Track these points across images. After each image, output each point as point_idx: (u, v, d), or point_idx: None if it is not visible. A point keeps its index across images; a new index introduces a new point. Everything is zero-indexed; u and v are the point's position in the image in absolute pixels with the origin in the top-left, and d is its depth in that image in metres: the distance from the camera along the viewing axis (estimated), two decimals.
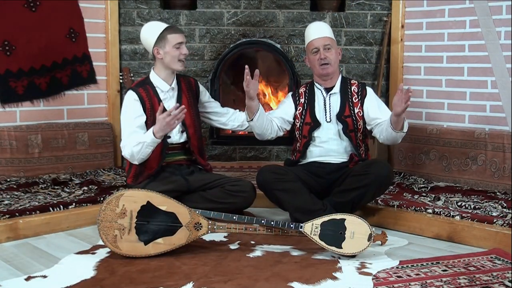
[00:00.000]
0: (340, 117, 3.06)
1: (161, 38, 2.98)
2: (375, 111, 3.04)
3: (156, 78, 3.06)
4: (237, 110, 3.33)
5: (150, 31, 3.03)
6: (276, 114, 3.16)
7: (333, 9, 4.17)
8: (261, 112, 3.00)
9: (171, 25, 3.14)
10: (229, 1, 4.14)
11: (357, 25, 4.13)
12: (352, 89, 3.11)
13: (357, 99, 3.09)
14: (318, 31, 3.10)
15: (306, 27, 3.23)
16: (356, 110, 3.07)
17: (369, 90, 3.13)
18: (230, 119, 3.28)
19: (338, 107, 3.08)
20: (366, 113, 3.06)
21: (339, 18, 4.11)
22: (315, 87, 3.16)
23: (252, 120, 3.00)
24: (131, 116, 2.96)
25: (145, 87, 3.04)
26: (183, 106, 2.80)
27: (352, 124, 3.05)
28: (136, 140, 2.87)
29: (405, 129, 2.89)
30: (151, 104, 3.00)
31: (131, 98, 2.99)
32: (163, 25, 3.04)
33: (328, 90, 3.12)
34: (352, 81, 3.16)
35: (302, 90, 3.21)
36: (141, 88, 3.02)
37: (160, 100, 3.03)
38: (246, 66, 2.81)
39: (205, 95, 3.28)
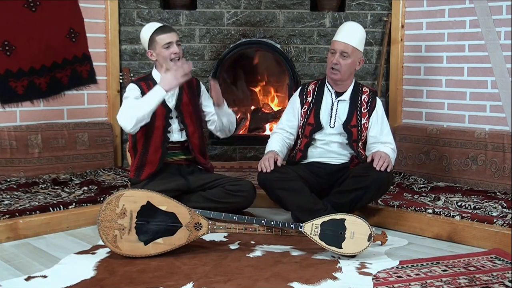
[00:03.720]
0: (346, 126, 3.02)
1: (152, 41, 3.05)
2: (376, 132, 3.03)
3: (157, 75, 3.11)
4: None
5: (144, 35, 3.11)
6: (286, 124, 3.14)
7: (333, 9, 4.17)
8: (283, 152, 3.09)
9: (162, 25, 3.14)
10: (229, 1, 4.14)
11: None
12: (363, 98, 3.06)
13: (366, 110, 3.04)
14: (345, 35, 2.98)
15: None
16: (363, 121, 3.03)
17: (379, 102, 3.08)
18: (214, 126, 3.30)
19: (346, 115, 3.04)
20: (368, 129, 3.05)
21: (339, 18, 4.11)
22: (325, 87, 3.10)
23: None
24: (130, 97, 3.00)
25: (147, 82, 3.10)
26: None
27: (356, 135, 3.02)
28: (137, 101, 2.93)
29: (389, 169, 2.88)
30: None
31: (132, 88, 3.06)
32: (154, 27, 3.08)
33: (338, 94, 3.07)
34: (364, 89, 3.09)
35: (311, 87, 3.14)
36: (142, 82, 3.10)
37: None
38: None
39: (205, 97, 3.27)
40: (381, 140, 3.00)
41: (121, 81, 4.04)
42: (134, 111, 2.85)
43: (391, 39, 4.05)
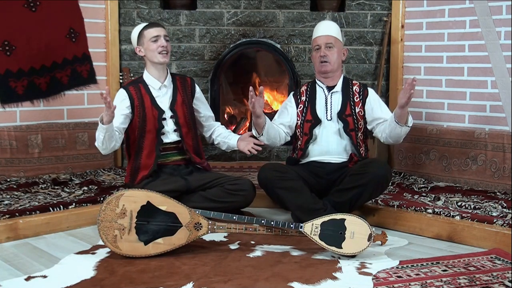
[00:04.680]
0: (341, 115, 3.06)
1: (140, 36, 3.09)
2: (378, 111, 3.06)
3: (148, 77, 3.12)
4: (223, 130, 3.32)
5: (133, 34, 3.16)
6: (281, 121, 3.16)
7: (333, 9, 4.17)
8: (268, 125, 3.01)
9: (151, 22, 3.17)
10: (229, 1, 4.14)
11: (357, 25, 4.13)
12: (354, 89, 3.12)
13: (358, 99, 3.09)
14: (324, 29, 3.11)
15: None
16: (357, 110, 3.08)
17: (371, 90, 3.14)
18: (210, 135, 3.32)
19: (339, 106, 3.09)
20: (368, 113, 3.07)
21: (339, 18, 4.11)
22: (317, 85, 3.17)
23: (262, 135, 3.03)
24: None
25: (137, 86, 3.10)
26: (105, 95, 2.64)
27: (352, 123, 3.05)
28: None
29: (410, 123, 2.91)
30: (140, 101, 3.05)
31: (121, 95, 3.07)
32: (143, 25, 3.14)
33: (330, 88, 3.13)
34: (354, 82, 3.18)
35: (303, 88, 3.22)
36: (131, 87, 3.09)
37: (152, 98, 3.07)
38: (251, 88, 2.81)
39: (199, 99, 3.28)
40: (386, 118, 3.00)
41: (121, 81, 4.04)
42: (96, 137, 2.89)
43: (391, 39, 4.05)
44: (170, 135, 3.10)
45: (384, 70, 4.11)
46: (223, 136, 3.27)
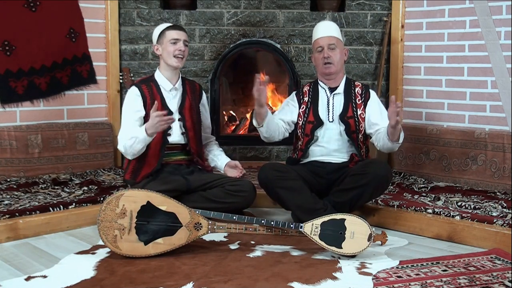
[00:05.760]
0: (343, 117, 3.06)
1: (161, 35, 3.10)
2: (376, 117, 3.05)
3: (160, 77, 3.13)
4: (216, 148, 3.36)
5: (155, 31, 3.17)
6: (282, 116, 3.16)
7: (333, 9, 4.17)
8: (269, 117, 3.00)
9: (175, 24, 3.20)
10: (229, 1, 4.14)
11: (357, 25, 4.13)
12: (356, 91, 3.12)
13: (360, 101, 3.09)
14: (325, 30, 3.10)
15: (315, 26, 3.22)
16: (359, 112, 3.07)
17: (373, 93, 3.13)
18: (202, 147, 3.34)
19: (341, 108, 3.08)
20: (368, 117, 3.06)
21: (339, 18, 4.11)
22: (319, 86, 3.16)
23: (262, 126, 3.01)
24: (130, 110, 3.03)
25: (149, 84, 3.11)
26: (171, 117, 2.84)
27: (354, 125, 3.05)
28: (130, 134, 2.92)
29: (401, 140, 2.91)
30: (152, 101, 3.05)
31: (133, 93, 3.07)
32: (168, 25, 3.16)
33: (332, 90, 3.12)
34: (356, 83, 3.17)
35: (306, 88, 3.21)
36: (144, 85, 3.10)
37: (163, 98, 3.08)
38: (257, 75, 2.80)
39: (204, 105, 3.30)
40: (384, 125, 2.99)
41: (121, 81, 4.04)
42: (129, 147, 2.91)
43: (391, 39, 4.05)
44: (177, 136, 3.11)
45: (384, 70, 4.11)
46: (214, 154, 3.31)
